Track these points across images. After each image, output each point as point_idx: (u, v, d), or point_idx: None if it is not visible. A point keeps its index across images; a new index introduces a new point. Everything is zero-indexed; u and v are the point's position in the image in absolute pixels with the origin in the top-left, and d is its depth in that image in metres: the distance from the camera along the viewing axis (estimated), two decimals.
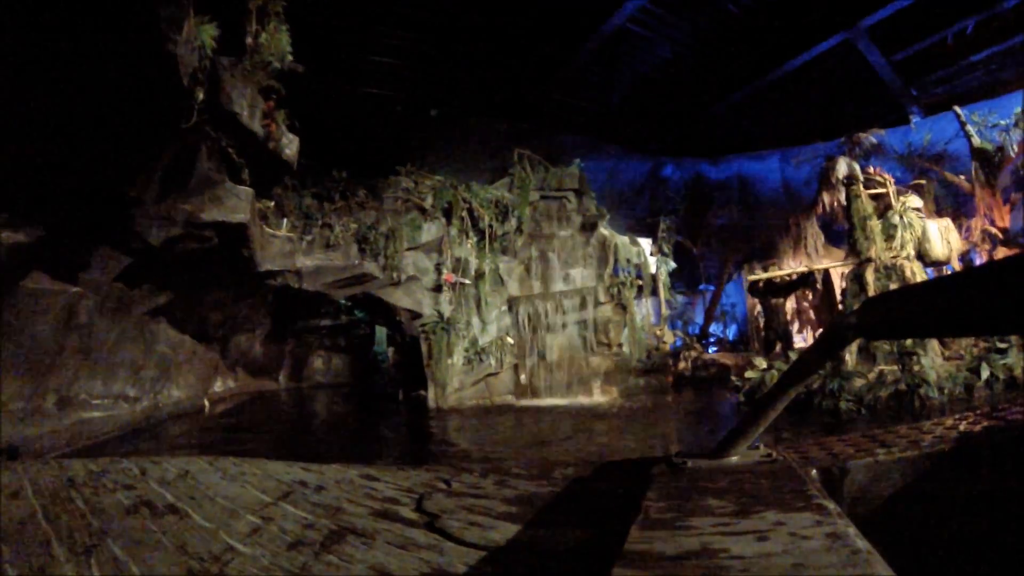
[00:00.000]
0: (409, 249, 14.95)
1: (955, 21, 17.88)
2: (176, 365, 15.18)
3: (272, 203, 12.16)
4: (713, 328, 21.00)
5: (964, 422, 3.03)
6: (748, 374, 12.78)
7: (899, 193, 15.52)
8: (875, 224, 13.47)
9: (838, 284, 19.99)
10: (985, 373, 10.79)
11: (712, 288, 22.01)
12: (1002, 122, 18.64)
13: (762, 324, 18.53)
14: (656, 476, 2.21)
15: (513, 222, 16.29)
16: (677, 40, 17.70)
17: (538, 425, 12.46)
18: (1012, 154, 18.65)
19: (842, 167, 15.92)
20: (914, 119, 21.14)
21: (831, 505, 1.62)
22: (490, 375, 15.49)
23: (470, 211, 15.55)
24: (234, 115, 8.34)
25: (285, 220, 12.55)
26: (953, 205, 20.06)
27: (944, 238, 15.49)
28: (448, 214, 15.48)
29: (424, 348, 15.19)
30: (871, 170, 15.35)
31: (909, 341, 11.12)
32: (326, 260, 13.71)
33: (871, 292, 12.64)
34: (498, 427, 12.62)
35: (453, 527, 2.41)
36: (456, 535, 2.33)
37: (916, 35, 18.29)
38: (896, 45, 18.48)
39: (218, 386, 18.72)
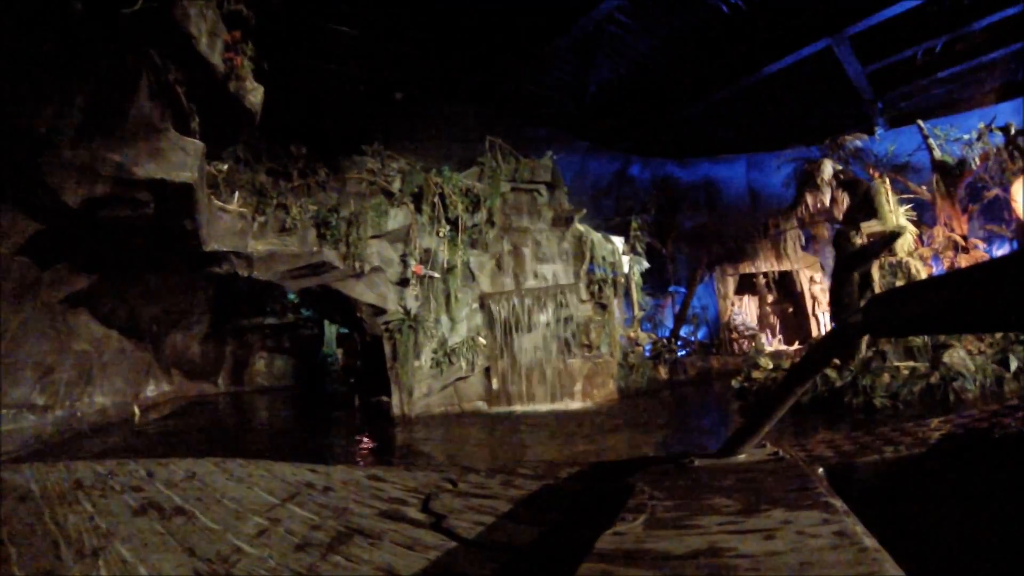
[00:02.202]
0: (373, 237, 12.89)
1: (927, 38, 17.51)
2: (100, 366, 12.78)
3: (225, 167, 9.90)
4: (683, 331, 19.60)
5: (972, 419, 2.85)
6: (755, 374, 11.64)
7: None
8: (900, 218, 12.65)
9: (807, 286, 19.08)
10: (1014, 364, 10.14)
11: (682, 290, 20.67)
12: (964, 136, 18.43)
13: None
14: (662, 475, 2.11)
15: (483, 213, 14.41)
16: (661, 36, 16.33)
17: (521, 434, 10.68)
18: (974, 167, 18.41)
19: (827, 169, 15.22)
20: (878, 130, 20.61)
21: (838, 503, 1.53)
22: (459, 379, 13.55)
23: (442, 198, 13.59)
24: (189, 39, 6.21)
25: (237, 194, 10.31)
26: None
27: None
28: (418, 200, 13.49)
29: (388, 349, 13.14)
30: (871, 172, 14.52)
31: (941, 335, 10.51)
32: (280, 245, 11.54)
33: (877, 289, 11.76)
34: (477, 438, 10.83)
35: (459, 527, 2.27)
36: (462, 535, 2.19)
37: (891, 48, 17.82)
38: (872, 56, 17.83)
39: (151, 390, 16.27)
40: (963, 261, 18.27)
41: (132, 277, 11.81)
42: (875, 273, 12.20)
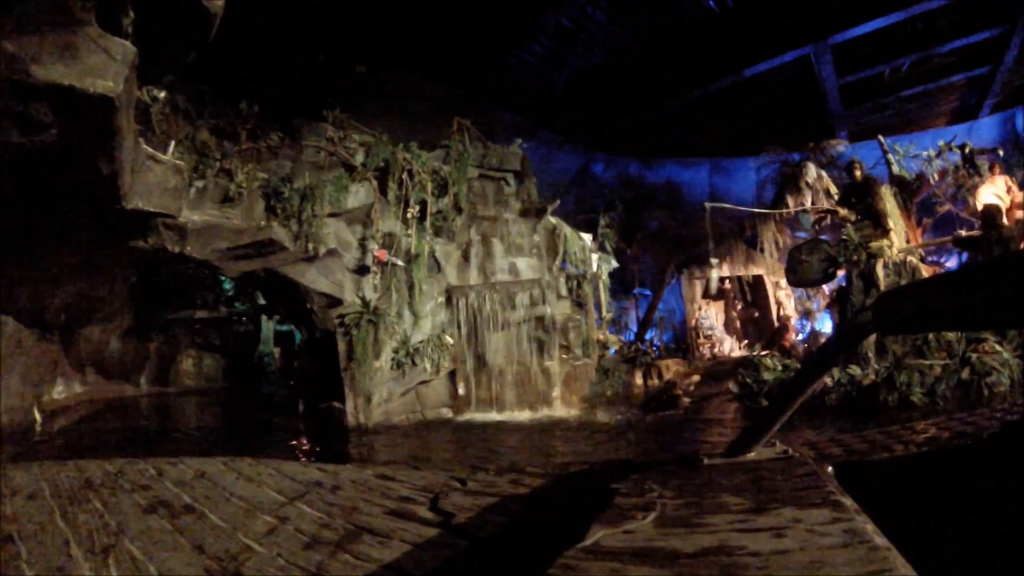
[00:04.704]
0: (330, 215, 10.76)
1: (897, 57, 17.17)
2: None
3: (162, 95, 7.60)
4: (648, 334, 18.13)
5: (982, 417, 2.76)
6: (766, 375, 10.61)
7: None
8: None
9: (771, 291, 18.04)
10: None
11: (647, 293, 19.24)
12: (923, 153, 17.97)
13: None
14: (672, 474, 2.07)
15: (450, 199, 12.47)
16: (645, 28, 14.97)
17: (507, 449, 8.72)
18: (932, 182, 18.19)
19: (811, 171, 14.35)
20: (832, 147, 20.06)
21: (848, 501, 1.52)
22: (421, 383, 11.50)
23: (410, 176, 11.57)
24: None
25: (172, 144, 8.03)
26: None
27: None
28: (382, 177, 11.43)
29: (342, 346, 10.98)
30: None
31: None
32: (221, 217, 9.32)
33: (882, 288, 11.00)
34: (454, 453, 8.89)
35: (468, 525, 2.27)
36: (471, 533, 2.19)
37: (864, 63, 17.25)
38: (845, 69, 17.21)
39: (59, 391, 13.63)
40: (923, 272, 18.18)
41: (34, 250, 9.33)
42: (879, 272, 11.29)
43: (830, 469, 2.15)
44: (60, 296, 12.22)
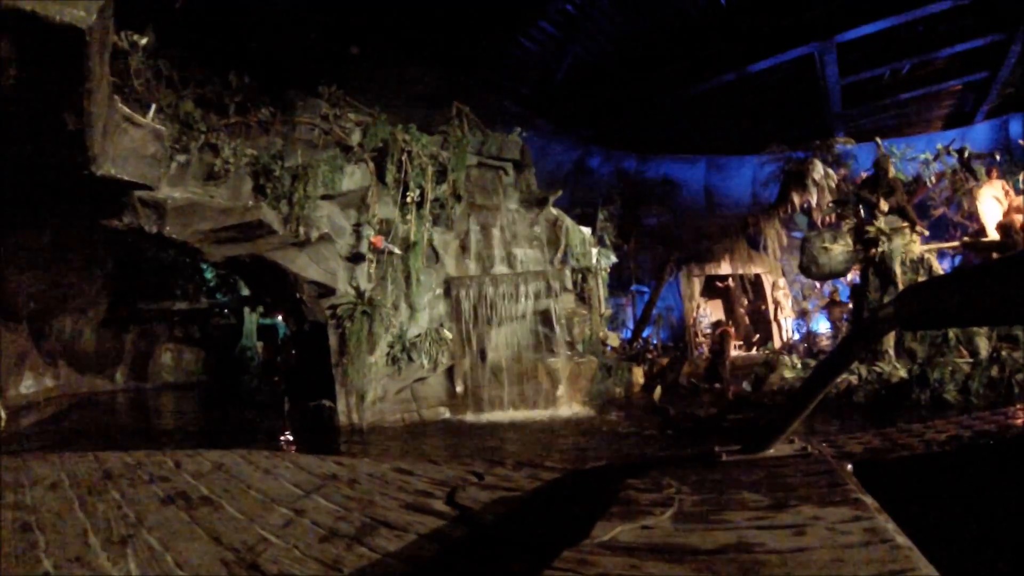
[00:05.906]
0: (324, 198, 9.80)
1: (898, 59, 16.98)
2: None
3: (143, 41, 6.61)
4: (645, 332, 17.35)
5: (1004, 416, 2.64)
6: (787, 373, 10.45)
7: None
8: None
9: (769, 290, 17.43)
10: None
11: (644, 290, 18.51)
12: (920, 156, 17.56)
13: None
14: (689, 469, 1.99)
15: (448, 186, 11.55)
16: (651, 19, 14.35)
17: (525, 455, 7.80)
18: (929, 185, 17.80)
19: (818, 169, 13.79)
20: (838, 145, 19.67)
21: (868, 500, 1.46)
22: (418, 380, 10.55)
23: (409, 158, 10.63)
24: None
25: (153, 108, 7.03)
26: None
27: None
28: (380, 159, 10.48)
29: (334, 340, 10.02)
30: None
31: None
32: (204, 195, 8.31)
33: (900, 284, 10.67)
34: (460, 459, 7.87)
35: (485, 520, 2.22)
36: (488, 528, 2.14)
37: (866, 65, 16.98)
38: (847, 70, 16.79)
39: (27, 386, 12.69)
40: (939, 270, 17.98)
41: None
42: (897, 268, 10.82)
43: (850, 467, 2.09)
44: (27, 282, 11.15)
